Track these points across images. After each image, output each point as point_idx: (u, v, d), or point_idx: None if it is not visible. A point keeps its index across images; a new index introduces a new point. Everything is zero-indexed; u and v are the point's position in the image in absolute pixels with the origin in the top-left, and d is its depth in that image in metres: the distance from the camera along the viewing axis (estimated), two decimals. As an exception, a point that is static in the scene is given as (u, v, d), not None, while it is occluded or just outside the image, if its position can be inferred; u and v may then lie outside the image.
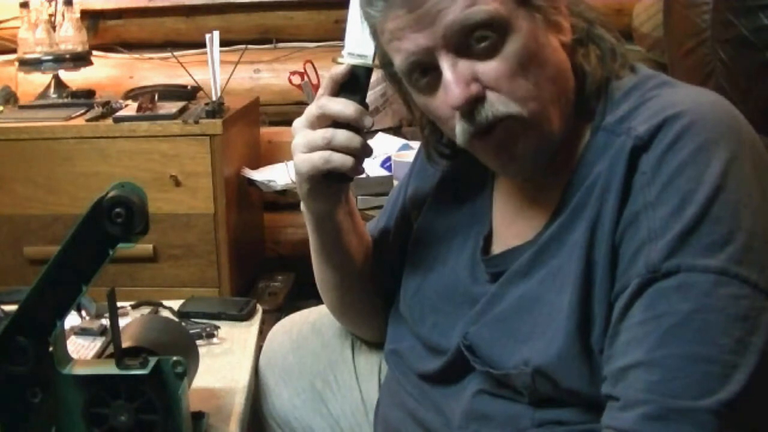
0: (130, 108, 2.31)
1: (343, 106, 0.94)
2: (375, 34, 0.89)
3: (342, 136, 0.94)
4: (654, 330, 0.75)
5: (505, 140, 0.85)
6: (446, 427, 0.94)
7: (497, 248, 0.96)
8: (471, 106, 0.83)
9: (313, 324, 1.25)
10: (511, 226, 0.95)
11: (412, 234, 1.08)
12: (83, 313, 1.34)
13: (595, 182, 0.83)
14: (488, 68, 0.82)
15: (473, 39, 0.81)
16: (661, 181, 0.78)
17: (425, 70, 0.85)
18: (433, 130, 0.98)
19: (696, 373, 0.73)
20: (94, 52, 2.59)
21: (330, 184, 0.98)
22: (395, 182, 1.87)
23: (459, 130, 0.85)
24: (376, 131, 2.25)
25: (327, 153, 0.94)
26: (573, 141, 0.88)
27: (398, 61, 0.86)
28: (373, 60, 0.94)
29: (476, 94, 0.82)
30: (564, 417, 0.84)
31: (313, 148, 0.95)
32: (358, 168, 0.96)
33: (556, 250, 0.86)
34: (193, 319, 1.34)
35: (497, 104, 0.83)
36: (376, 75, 0.98)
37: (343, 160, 0.94)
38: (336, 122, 0.95)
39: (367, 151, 0.96)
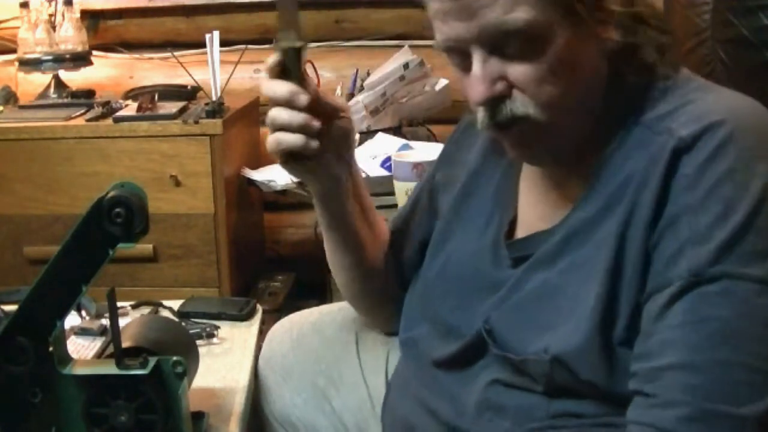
0: (130, 108, 2.31)
1: (274, 88, 0.96)
2: (424, 5, 0.90)
3: (280, 117, 0.96)
4: (695, 334, 0.76)
5: (520, 139, 0.87)
6: (459, 416, 0.93)
7: (521, 232, 0.96)
8: (493, 103, 0.84)
9: (313, 324, 1.25)
10: (535, 211, 0.96)
11: (439, 218, 1.08)
12: (83, 313, 1.34)
13: (630, 177, 0.83)
14: (518, 71, 0.83)
15: (507, 41, 0.82)
16: (705, 186, 0.78)
17: (458, 54, 0.86)
18: None
19: (736, 381, 0.74)
20: (94, 52, 2.59)
21: (295, 164, 1.00)
22: (395, 182, 1.87)
23: (479, 118, 0.87)
24: (376, 131, 2.25)
25: (276, 135, 0.97)
26: (605, 132, 0.88)
27: (437, 38, 0.87)
28: (299, 41, 0.97)
29: (500, 93, 0.84)
30: (579, 409, 0.84)
31: (269, 131, 0.99)
32: (309, 145, 0.96)
33: (583, 241, 0.86)
34: (193, 319, 1.34)
35: (518, 104, 0.84)
36: (374, 77, 0.98)
37: (293, 139, 0.96)
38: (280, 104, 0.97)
39: (310, 127, 0.96)
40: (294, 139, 0.96)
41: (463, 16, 0.82)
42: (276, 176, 2.22)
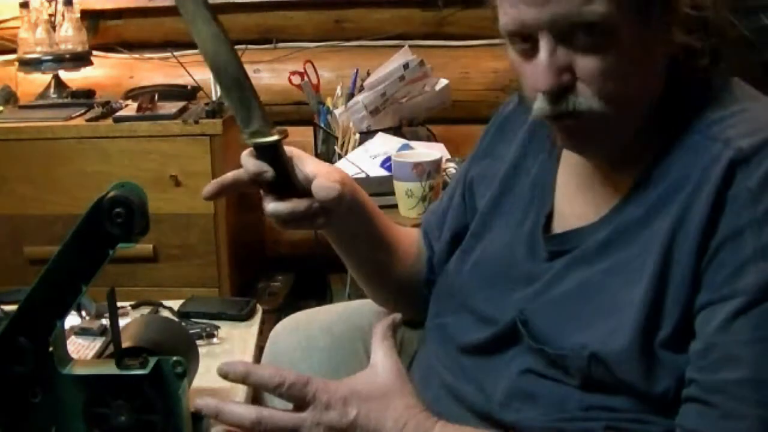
0: (130, 108, 2.31)
1: (269, 208, 0.97)
2: None
3: (279, 215, 0.96)
4: (763, 350, 0.76)
5: (578, 132, 0.86)
6: (486, 402, 0.93)
7: (558, 227, 0.96)
8: (557, 94, 0.83)
9: (321, 323, 1.25)
10: (573, 205, 0.96)
11: (475, 214, 1.08)
12: (83, 313, 1.34)
13: (680, 182, 0.83)
14: (586, 63, 0.82)
15: (578, 32, 0.81)
16: None
17: (524, 39, 0.85)
18: None
19: None
20: (94, 52, 2.59)
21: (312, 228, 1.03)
22: (395, 182, 1.87)
23: (538, 106, 0.86)
24: (376, 131, 2.25)
25: (284, 227, 0.99)
26: (653, 133, 0.88)
27: (503, 21, 0.86)
28: (273, 132, 0.91)
29: (565, 84, 0.83)
30: (612, 404, 0.84)
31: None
32: (317, 222, 0.98)
33: (628, 241, 0.86)
34: (193, 319, 1.34)
35: (582, 99, 0.83)
36: (374, 77, 0.98)
37: (302, 227, 0.99)
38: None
39: (310, 212, 0.97)
40: (303, 226, 0.99)
41: (537, 2, 0.81)
42: (276, 176, 2.22)
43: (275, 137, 0.91)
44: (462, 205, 1.13)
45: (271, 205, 0.97)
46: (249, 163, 0.95)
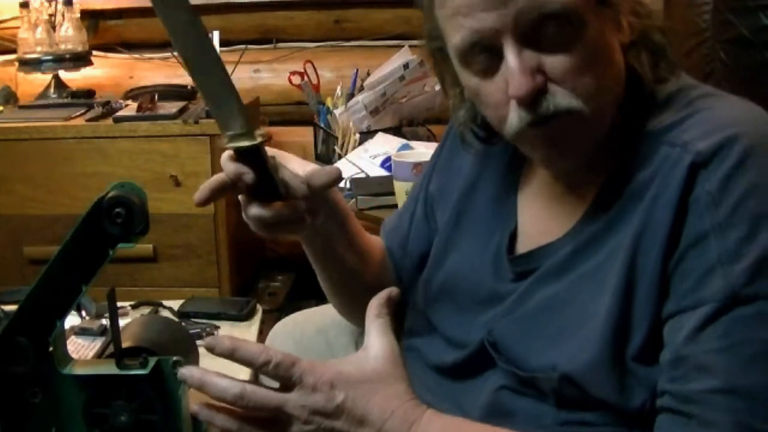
0: (130, 108, 2.32)
1: (247, 212, 0.94)
2: (431, 6, 0.86)
3: (262, 219, 0.92)
4: (733, 358, 0.75)
5: (560, 134, 0.83)
6: None
7: (523, 246, 0.95)
8: (533, 97, 0.80)
9: (316, 325, 1.25)
10: (538, 223, 0.94)
11: (437, 232, 1.06)
12: (83, 313, 1.34)
13: (642, 189, 0.82)
14: (555, 61, 0.80)
15: (543, 29, 0.79)
16: (730, 203, 0.76)
17: (484, 52, 0.82)
18: (470, 112, 0.95)
19: None
20: (94, 52, 2.60)
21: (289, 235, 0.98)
22: (395, 182, 1.87)
23: (515, 118, 0.82)
24: (376, 131, 2.25)
25: (266, 232, 0.94)
26: (613, 141, 0.86)
27: (457, 38, 0.83)
28: (256, 134, 0.85)
29: (540, 86, 0.80)
30: (589, 419, 0.83)
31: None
32: (304, 225, 0.92)
33: (592, 253, 0.84)
34: (193, 319, 1.34)
35: (560, 97, 0.80)
36: (374, 77, 0.97)
37: (288, 232, 0.94)
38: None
39: (297, 214, 0.91)
40: (288, 230, 0.93)
41: (495, 5, 0.78)
42: (276, 176, 2.22)
43: (255, 141, 0.85)
44: (425, 224, 1.10)
45: (254, 209, 0.91)
46: (228, 166, 0.90)
